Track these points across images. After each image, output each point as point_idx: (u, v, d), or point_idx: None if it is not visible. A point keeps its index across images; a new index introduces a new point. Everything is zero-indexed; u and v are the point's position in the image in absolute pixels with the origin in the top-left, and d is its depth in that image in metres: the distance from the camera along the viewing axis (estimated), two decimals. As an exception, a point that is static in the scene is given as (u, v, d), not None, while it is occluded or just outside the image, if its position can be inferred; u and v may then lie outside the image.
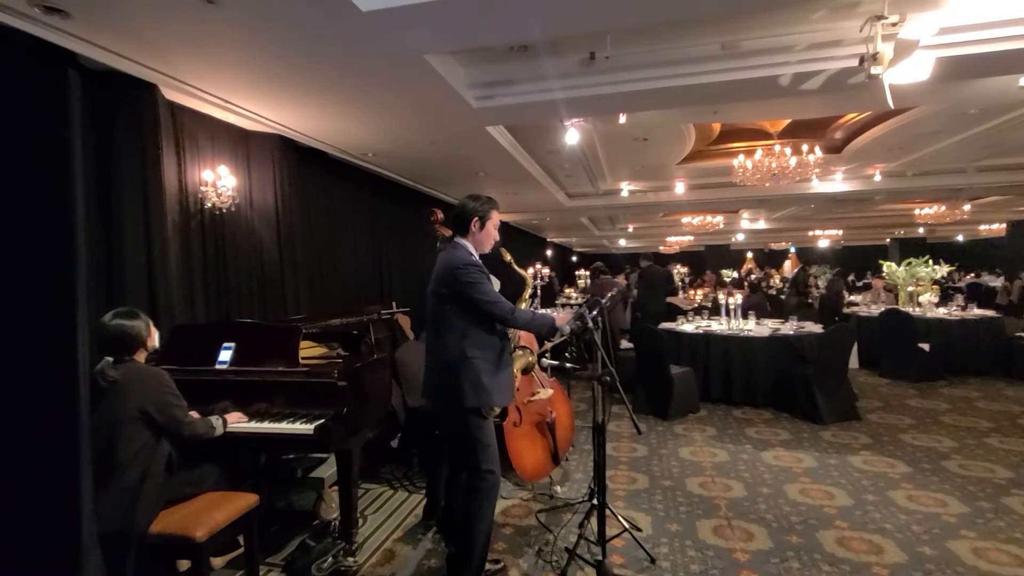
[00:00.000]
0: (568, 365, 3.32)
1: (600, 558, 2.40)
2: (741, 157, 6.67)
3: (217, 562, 2.57)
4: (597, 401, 2.51)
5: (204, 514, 2.06)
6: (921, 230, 17.78)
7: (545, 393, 3.16)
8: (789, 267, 16.89)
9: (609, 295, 2.68)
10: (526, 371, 2.80)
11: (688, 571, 2.47)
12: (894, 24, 2.98)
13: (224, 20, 2.68)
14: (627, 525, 2.68)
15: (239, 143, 4.49)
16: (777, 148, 6.36)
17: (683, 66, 3.66)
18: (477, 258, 2.26)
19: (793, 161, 6.33)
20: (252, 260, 4.57)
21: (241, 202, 4.38)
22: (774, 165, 6.35)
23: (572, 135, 5.37)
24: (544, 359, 3.34)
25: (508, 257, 2.51)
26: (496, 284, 2.54)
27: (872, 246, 22.47)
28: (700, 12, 2.92)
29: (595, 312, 2.38)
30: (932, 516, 2.94)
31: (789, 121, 6.50)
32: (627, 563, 2.55)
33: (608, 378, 2.32)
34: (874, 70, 2.96)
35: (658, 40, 3.57)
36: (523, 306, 2.51)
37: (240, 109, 4.15)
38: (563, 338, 2.68)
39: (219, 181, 4.11)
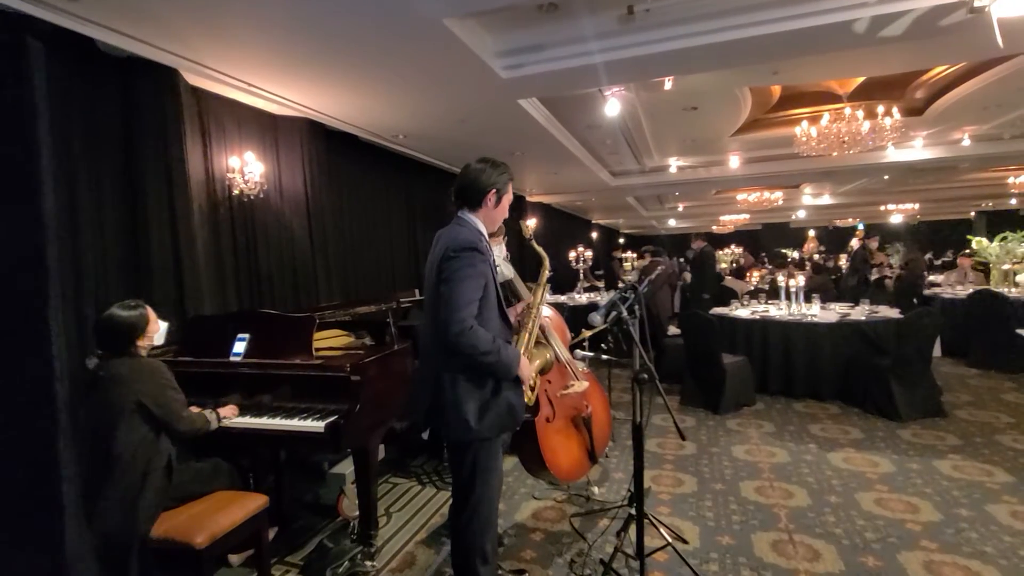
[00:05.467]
0: (604, 356, 3.02)
1: (638, 576, 2.13)
2: (804, 124, 6.01)
3: (234, 559, 2.49)
4: (637, 401, 2.23)
5: (208, 518, 1.95)
6: (1014, 201, 15.87)
7: (580, 386, 2.88)
8: (855, 245, 15.59)
9: (647, 281, 2.36)
10: (544, 371, 2.51)
11: (742, 595, 2.17)
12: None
13: (228, -9, 2.52)
14: (670, 538, 2.38)
15: (267, 128, 4.40)
16: (847, 112, 5.67)
17: (737, 16, 3.20)
18: (487, 239, 1.87)
19: (866, 126, 5.63)
20: (283, 247, 4.50)
21: (270, 188, 4.30)
22: (843, 131, 5.67)
23: (612, 106, 4.95)
24: (579, 350, 3.06)
25: (529, 234, 2.22)
26: (504, 252, 2.27)
27: (954, 220, 20.35)
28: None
29: (630, 302, 2.07)
30: (1045, 538, 2.47)
31: (860, 81, 5.77)
32: (670, 581, 2.27)
33: (645, 375, 2.02)
34: (978, 2, 2.43)
35: (707, -13, 3.13)
36: (540, 293, 2.17)
37: (265, 92, 4.04)
38: (603, 327, 2.40)
39: (246, 167, 4.03)
